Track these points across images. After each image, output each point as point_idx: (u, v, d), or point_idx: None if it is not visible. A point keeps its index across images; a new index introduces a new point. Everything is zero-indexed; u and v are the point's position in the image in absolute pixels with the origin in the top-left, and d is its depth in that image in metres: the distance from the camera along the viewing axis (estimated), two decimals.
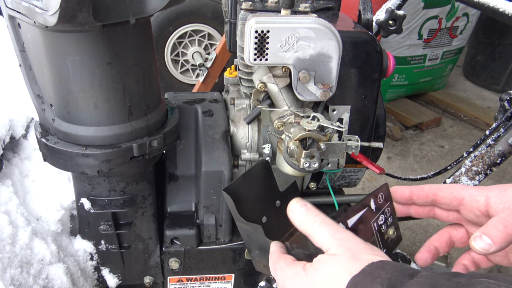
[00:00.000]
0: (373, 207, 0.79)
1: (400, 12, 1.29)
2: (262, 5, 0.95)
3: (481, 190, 0.68)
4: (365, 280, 0.55)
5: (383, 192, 0.81)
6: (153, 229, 1.06)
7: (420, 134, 3.16)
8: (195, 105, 1.12)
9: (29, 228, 0.93)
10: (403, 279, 0.52)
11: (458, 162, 1.28)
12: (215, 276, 1.14)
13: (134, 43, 0.82)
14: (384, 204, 0.81)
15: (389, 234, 0.83)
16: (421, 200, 0.74)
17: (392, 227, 0.83)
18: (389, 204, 0.82)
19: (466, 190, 0.69)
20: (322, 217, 0.68)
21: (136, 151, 0.88)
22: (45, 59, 0.80)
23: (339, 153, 0.88)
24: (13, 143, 1.07)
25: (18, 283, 0.84)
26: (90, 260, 1.06)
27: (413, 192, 0.74)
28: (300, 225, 0.69)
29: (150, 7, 0.74)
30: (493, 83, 3.87)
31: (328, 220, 0.67)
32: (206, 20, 2.85)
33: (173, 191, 1.08)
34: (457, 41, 3.32)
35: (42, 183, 1.06)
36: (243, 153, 1.05)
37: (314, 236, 0.66)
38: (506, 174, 2.72)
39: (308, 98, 0.87)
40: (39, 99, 0.88)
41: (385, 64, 0.97)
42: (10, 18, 0.81)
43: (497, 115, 1.16)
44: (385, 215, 0.82)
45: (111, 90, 0.82)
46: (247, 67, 0.98)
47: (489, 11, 1.23)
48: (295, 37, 0.80)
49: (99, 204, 0.97)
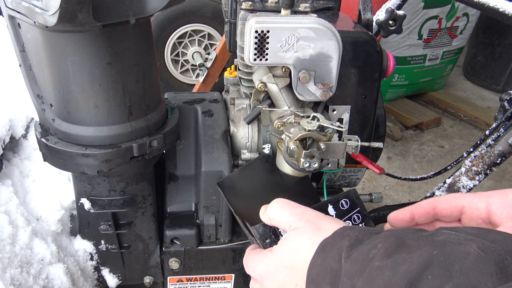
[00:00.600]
0: (332, 213, 0.78)
1: (400, 12, 1.29)
2: (262, 5, 0.95)
3: (481, 196, 0.65)
4: (334, 240, 0.58)
5: (349, 198, 0.80)
6: (153, 229, 1.06)
7: (420, 134, 3.16)
8: (195, 105, 1.12)
9: (29, 228, 0.93)
10: (370, 235, 0.55)
11: (458, 162, 1.28)
12: (215, 276, 1.14)
13: (134, 43, 0.82)
14: (350, 211, 0.80)
15: None
16: (423, 218, 0.70)
17: None
18: (359, 210, 0.81)
19: (465, 198, 0.66)
20: (283, 202, 0.71)
21: (136, 151, 0.88)
22: (45, 59, 0.80)
23: (339, 153, 0.88)
24: (13, 143, 1.07)
25: (18, 283, 0.84)
26: (90, 260, 1.06)
27: (413, 212, 0.70)
28: (269, 219, 0.72)
29: (150, 7, 0.74)
30: (493, 83, 3.87)
31: (289, 202, 0.70)
32: (206, 20, 2.85)
33: (173, 191, 1.08)
34: (457, 41, 3.32)
35: (42, 183, 1.06)
36: (243, 153, 1.05)
37: (276, 219, 0.69)
38: (506, 174, 2.71)
39: (308, 98, 0.87)
40: (39, 99, 0.88)
41: (385, 64, 0.98)
42: (10, 18, 0.81)
43: (497, 115, 1.16)
44: (353, 222, 0.80)
45: (111, 90, 0.82)
46: (247, 67, 0.98)
47: (489, 11, 1.23)
48: (295, 37, 0.80)
49: (99, 204, 0.97)
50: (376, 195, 1.25)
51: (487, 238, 0.48)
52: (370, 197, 1.25)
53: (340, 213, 0.78)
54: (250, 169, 0.91)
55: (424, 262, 0.46)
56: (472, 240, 0.48)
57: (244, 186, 0.91)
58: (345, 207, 0.80)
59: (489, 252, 0.45)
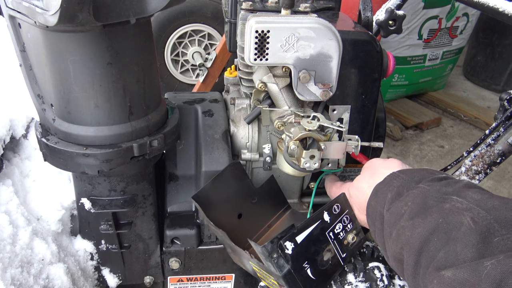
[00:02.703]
0: (327, 218, 0.86)
1: (400, 12, 1.29)
2: (262, 5, 0.95)
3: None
4: (383, 188, 0.76)
5: (339, 203, 0.88)
6: (154, 229, 1.06)
7: (420, 134, 3.16)
8: (195, 105, 1.12)
9: (30, 228, 0.93)
10: (408, 188, 0.72)
11: (458, 161, 1.28)
12: (215, 276, 1.14)
13: (135, 43, 0.82)
14: (341, 213, 0.88)
15: (349, 239, 0.90)
16: None
17: (351, 233, 0.91)
18: (347, 212, 0.90)
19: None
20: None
21: (137, 151, 0.88)
22: (46, 59, 0.80)
23: (339, 153, 0.88)
24: (14, 143, 1.07)
25: (19, 283, 0.84)
26: (90, 260, 1.06)
27: None
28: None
29: (150, 7, 0.74)
30: (493, 83, 3.87)
31: None
32: (206, 20, 2.84)
33: (173, 191, 1.08)
34: (457, 41, 3.32)
35: (42, 183, 1.06)
36: (243, 153, 1.05)
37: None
38: (506, 174, 2.71)
39: (308, 98, 0.87)
40: (40, 99, 0.88)
41: (385, 64, 0.97)
42: (11, 18, 0.81)
43: (497, 114, 1.16)
44: (343, 223, 0.89)
45: (112, 90, 0.82)
46: (247, 67, 0.98)
47: (489, 11, 1.23)
48: (295, 37, 0.80)
49: (99, 204, 0.97)
50: None
51: (486, 206, 0.60)
52: None
53: (333, 217, 0.87)
54: (222, 179, 0.96)
55: (432, 228, 0.62)
56: (470, 210, 0.60)
57: (218, 197, 0.96)
58: (337, 211, 0.88)
59: (479, 223, 0.57)
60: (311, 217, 0.84)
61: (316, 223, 0.84)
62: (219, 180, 0.96)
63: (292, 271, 0.80)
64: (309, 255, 0.83)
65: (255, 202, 1.02)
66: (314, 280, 0.83)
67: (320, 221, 0.85)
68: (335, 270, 0.89)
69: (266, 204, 1.04)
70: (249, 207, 1.01)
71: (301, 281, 0.81)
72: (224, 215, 0.96)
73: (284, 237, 0.79)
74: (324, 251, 0.85)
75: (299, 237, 0.81)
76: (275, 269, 0.79)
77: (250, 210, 1.01)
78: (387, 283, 0.90)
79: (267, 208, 1.05)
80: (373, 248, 0.99)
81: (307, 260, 0.82)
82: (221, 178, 0.96)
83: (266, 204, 1.04)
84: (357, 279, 0.91)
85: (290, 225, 0.81)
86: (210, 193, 0.95)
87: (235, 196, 0.99)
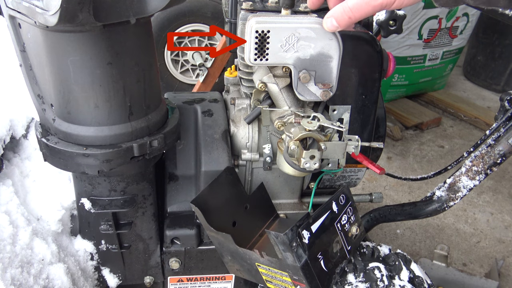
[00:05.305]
0: (335, 209, 0.87)
1: (400, 12, 1.29)
2: (262, 5, 0.95)
3: None
4: None
5: (344, 193, 0.89)
6: (154, 229, 1.06)
7: (420, 134, 3.16)
8: (195, 105, 1.12)
9: (30, 228, 0.93)
10: None
11: (459, 162, 1.28)
12: (215, 276, 1.14)
13: (135, 43, 0.82)
14: (346, 204, 0.89)
15: (353, 231, 0.91)
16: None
17: (355, 225, 0.92)
18: (351, 204, 0.91)
19: None
20: None
21: (137, 151, 0.88)
22: (46, 59, 0.80)
23: (339, 153, 0.88)
24: (14, 143, 1.07)
25: (19, 283, 0.84)
26: (90, 260, 1.06)
27: None
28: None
29: (150, 7, 0.74)
30: (493, 83, 3.87)
31: None
32: (206, 20, 2.84)
33: (173, 191, 1.08)
34: (457, 41, 3.32)
35: (42, 183, 1.06)
36: (244, 153, 1.05)
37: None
38: (506, 174, 2.71)
39: (308, 98, 0.87)
40: (40, 99, 0.88)
41: (385, 64, 0.98)
42: (11, 18, 0.81)
43: (497, 115, 1.16)
44: (348, 214, 0.90)
45: (112, 90, 0.82)
46: (247, 67, 0.98)
47: (489, 11, 1.23)
48: (295, 37, 0.80)
49: (99, 204, 0.97)
50: (376, 195, 1.25)
51: None
52: (370, 197, 1.25)
53: (339, 207, 0.88)
54: (218, 183, 0.96)
55: None
56: None
57: (214, 202, 0.97)
58: (343, 202, 0.89)
59: None
60: (322, 207, 0.85)
61: (327, 212, 0.85)
62: (216, 185, 0.96)
63: (309, 262, 0.79)
64: (322, 246, 0.83)
65: (248, 209, 1.01)
66: (326, 273, 0.83)
67: (330, 211, 0.86)
68: (339, 263, 0.89)
69: (257, 212, 1.04)
70: (242, 215, 1.01)
71: (316, 273, 0.81)
72: (221, 222, 0.95)
73: (302, 225, 0.79)
74: (334, 243, 0.86)
75: (313, 226, 0.81)
76: (295, 259, 0.78)
77: (243, 218, 1.01)
78: (387, 283, 0.90)
79: (258, 216, 1.05)
80: (373, 248, 0.99)
81: (320, 251, 0.83)
82: (217, 183, 0.96)
83: (257, 211, 1.04)
84: (357, 279, 0.91)
85: (305, 214, 0.81)
86: (208, 198, 0.94)
87: (229, 202, 0.99)
